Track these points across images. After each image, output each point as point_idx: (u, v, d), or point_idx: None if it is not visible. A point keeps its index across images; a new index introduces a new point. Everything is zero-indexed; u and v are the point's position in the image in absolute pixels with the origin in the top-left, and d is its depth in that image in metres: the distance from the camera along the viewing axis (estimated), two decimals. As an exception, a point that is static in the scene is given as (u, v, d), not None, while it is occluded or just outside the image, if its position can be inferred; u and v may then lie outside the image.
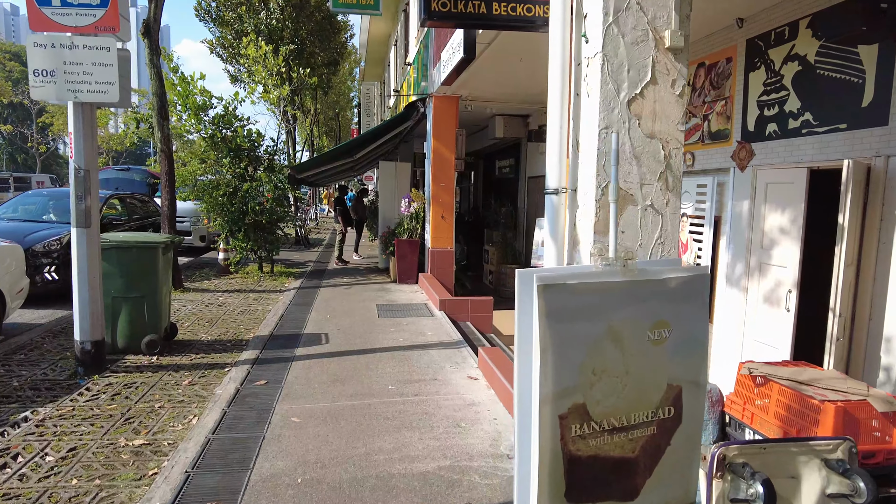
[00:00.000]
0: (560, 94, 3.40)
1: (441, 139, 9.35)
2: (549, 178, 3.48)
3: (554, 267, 3.10)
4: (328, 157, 10.23)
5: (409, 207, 9.62)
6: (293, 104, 13.97)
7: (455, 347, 5.85)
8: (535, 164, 10.96)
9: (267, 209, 10.11)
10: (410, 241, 9.62)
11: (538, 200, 10.83)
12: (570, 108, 3.46)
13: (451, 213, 9.56)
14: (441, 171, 9.41)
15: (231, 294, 8.69)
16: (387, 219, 11.23)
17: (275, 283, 9.75)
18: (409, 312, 7.51)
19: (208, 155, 10.09)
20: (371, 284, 9.70)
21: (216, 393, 4.55)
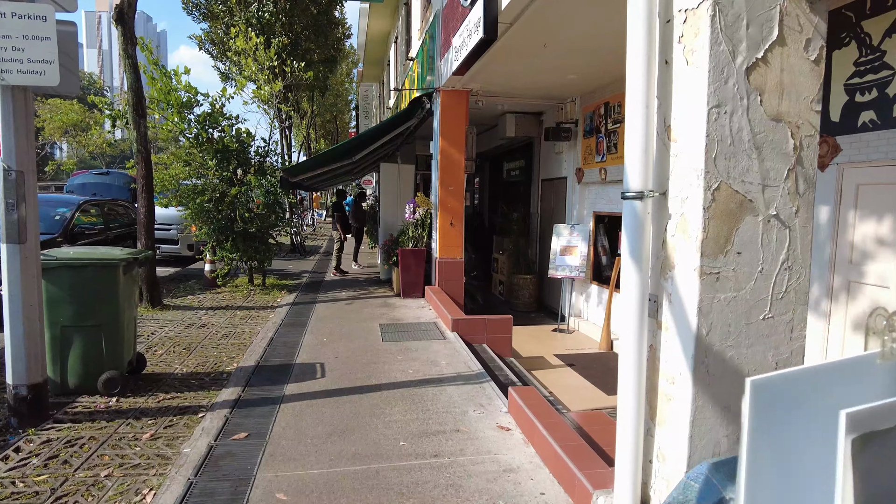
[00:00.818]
0: (644, 61, 2.44)
1: (449, 138, 8.39)
2: (629, 177, 2.52)
3: (811, 368, 1.69)
4: (325, 158, 9.27)
5: (414, 214, 8.67)
6: (286, 101, 13.02)
7: (476, 382, 4.88)
8: (550, 166, 10.01)
9: (257, 216, 9.14)
10: (415, 251, 8.66)
11: (553, 205, 9.88)
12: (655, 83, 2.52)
13: (461, 220, 8.61)
14: (449, 174, 8.46)
15: (216, 312, 7.70)
16: (388, 226, 10.27)
17: (266, 298, 8.77)
18: (418, 334, 6.54)
19: (193, 157, 9.11)
20: (372, 299, 8.72)
21: (183, 452, 3.57)
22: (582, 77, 7.64)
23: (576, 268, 8.72)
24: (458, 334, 6.47)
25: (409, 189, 10.35)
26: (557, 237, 8.95)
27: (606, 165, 8.06)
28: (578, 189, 8.96)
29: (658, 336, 2.54)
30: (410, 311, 7.80)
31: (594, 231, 8.71)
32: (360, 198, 12.77)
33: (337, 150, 8.96)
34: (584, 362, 7.21)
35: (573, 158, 9.08)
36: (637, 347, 2.53)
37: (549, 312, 9.92)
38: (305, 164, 9.12)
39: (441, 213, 8.46)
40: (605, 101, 8.05)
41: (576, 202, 9.04)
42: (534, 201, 10.71)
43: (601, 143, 8.21)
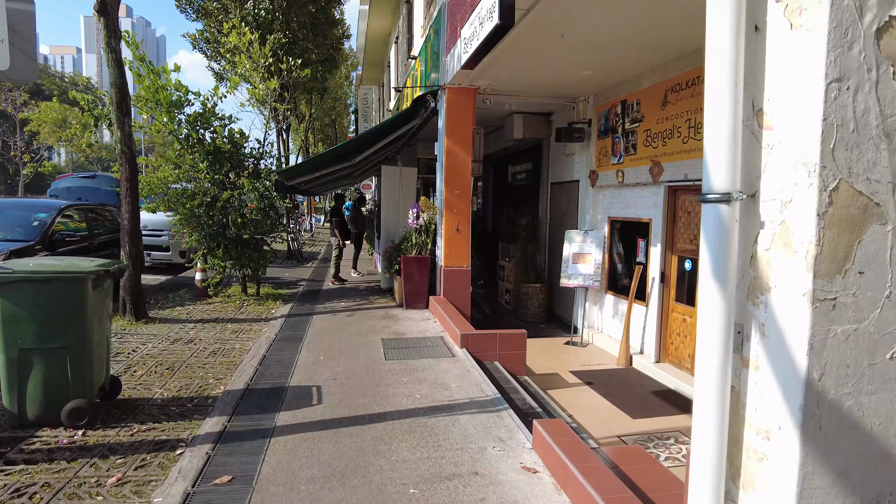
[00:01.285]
0: (731, 29, 1.91)
1: (455, 138, 7.87)
2: (711, 174, 1.96)
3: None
4: (323, 160, 8.74)
5: (418, 219, 8.13)
6: (283, 100, 12.46)
7: (493, 410, 4.33)
8: (560, 168, 9.49)
9: (251, 221, 8.59)
10: (419, 259, 8.12)
11: (564, 210, 9.35)
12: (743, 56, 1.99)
13: (468, 226, 8.07)
14: (455, 176, 7.93)
15: (205, 325, 7.14)
16: (390, 232, 9.72)
17: (260, 309, 8.21)
18: (424, 350, 5.99)
19: (183, 159, 8.58)
20: (373, 310, 8.17)
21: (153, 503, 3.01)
22: (598, 73, 7.12)
23: (589, 276, 8.18)
24: (468, 351, 5.92)
25: (411, 193, 9.82)
26: (569, 244, 8.41)
27: (624, 167, 7.54)
28: (592, 193, 8.43)
29: (743, 376, 2.00)
30: (414, 324, 7.24)
31: (609, 237, 8.18)
32: (360, 202, 12.22)
33: (335, 152, 8.44)
34: (602, 380, 6.66)
35: (586, 160, 8.55)
36: (719, 389, 1.98)
37: (560, 323, 9.37)
38: (302, 167, 8.58)
39: (446, 219, 7.93)
40: (622, 99, 7.53)
41: (589, 207, 8.51)
42: (542, 206, 10.18)
43: (617, 143, 7.69)
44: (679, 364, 6.67)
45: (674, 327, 6.80)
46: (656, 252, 6.96)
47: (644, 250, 7.32)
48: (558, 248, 9.57)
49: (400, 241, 8.94)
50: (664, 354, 6.96)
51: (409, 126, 9.36)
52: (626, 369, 7.13)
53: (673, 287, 6.82)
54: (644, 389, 6.37)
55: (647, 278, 7.19)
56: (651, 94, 6.87)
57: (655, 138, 6.80)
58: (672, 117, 6.45)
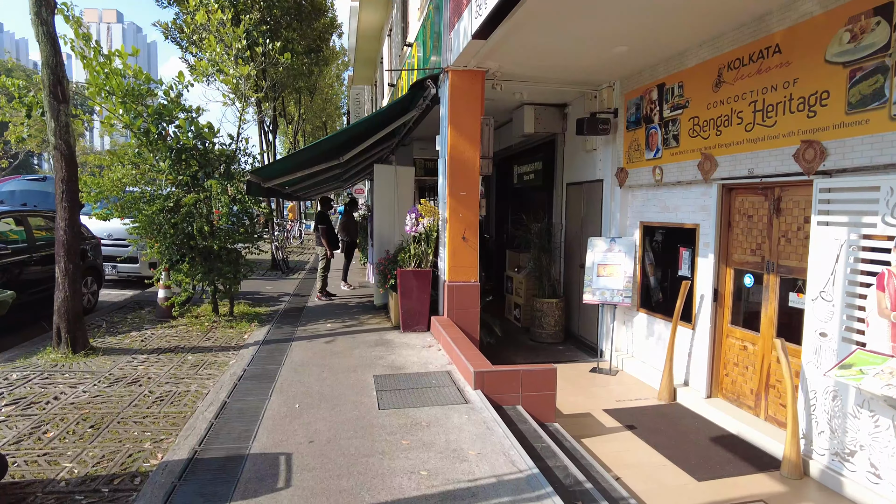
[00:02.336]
0: None
1: (461, 130, 6.63)
2: None
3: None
4: (306, 158, 7.46)
5: (417, 226, 6.87)
6: (260, 90, 11.11)
7: (531, 497, 3.06)
8: (579, 167, 8.27)
9: (220, 230, 7.31)
10: (419, 273, 6.85)
11: (584, 213, 8.12)
12: None
13: (476, 233, 6.82)
14: (461, 176, 6.68)
15: (160, 357, 5.84)
16: (384, 240, 8.46)
17: (231, 334, 6.92)
18: (428, 394, 4.72)
19: (143, 158, 7.29)
20: (365, 333, 6.88)
21: None
22: (633, 50, 5.90)
23: (618, 292, 6.96)
24: (484, 394, 4.66)
25: (408, 195, 8.56)
26: (593, 253, 7.19)
27: (662, 163, 6.32)
28: (619, 194, 7.21)
29: None
30: (414, 353, 5.97)
31: (641, 246, 6.95)
32: (351, 206, 10.94)
33: (321, 147, 7.16)
34: (646, 422, 5.42)
35: (612, 157, 7.33)
36: None
37: (580, 345, 8.13)
38: (280, 165, 7.30)
39: (451, 225, 6.68)
40: (659, 82, 6.32)
41: (615, 210, 7.28)
42: (556, 209, 8.94)
43: (653, 135, 6.47)
44: (738, 401, 5.44)
45: (730, 356, 5.57)
46: (706, 265, 5.74)
47: (688, 262, 6.10)
48: (576, 258, 8.35)
49: (396, 252, 7.68)
50: (717, 388, 5.73)
51: (405, 118, 8.12)
52: (670, 406, 5.89)
53: (728, 307, 5.60)
54: (700, 435, 5.13)
55: (693, 296, 5.97)
56: (699, 73, 5.65)
57: (706, 127, 5.59)
58: (729, 100, 5.23)
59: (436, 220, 6.88)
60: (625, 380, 6.72)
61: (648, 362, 6.76)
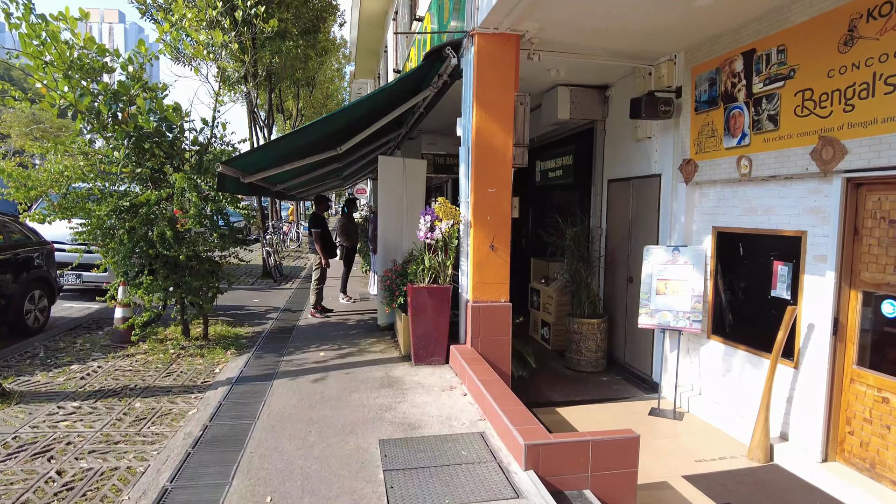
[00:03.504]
0: None
1: (490, 109, 5.19)
2: None
3: None
4: (293, 146, 6.00)
5: (433, 231, 5.43)
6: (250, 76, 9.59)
7: None
8: (624, 159, 6.83)
9: (189, 235, 5.88)
10: (435, 291, 5.41)
11: (634, 215, 6.68)
12: None
13: (507, 240, 5.39)
14: (489, 168, 5.25)
15: (98, 405, 4.41)
16: (390, 247, 7.02)
17: (199, 366, 5.49)
18: (459, 478, 3.26)
19: (92, 147, 5.88)
20: (367, 368, 5.43)
21: None
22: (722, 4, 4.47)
23: (684, 314, 5.53)
24: (538, 475, 3.22)
25: (419, 194, 7.12)
26: (649, 264, 5.76)
27: (750, 152, 4.88)
28: (684, 191, 5.77)
29: None
30: (432, 400, 4.52)
31: (714, 257, 5.51)
32: (351, 206, 9.48)
33: (312, 133, 5.70)
34: (746, 497, 3.98)
35: (673, 146, 5.90)
36: None
37: (628, 375, 6.68)
38: (263, 155, 5.82)
39: (476, 231, 5.24)
40: (746, 48, 4.88)
41: (678, 212, 5.85)
42: (595, 210, 7.50)
43: (736, 117, 5.03)
44: (872, 471, 3.99)
45: (856, 408, 4.13)
46: (820, 285, 4.30)
47: (787, 280, 4.65)
48: (620, 270, 6.91)
49: (405, 262, 6.25)
50: (835, 450, 4.29)
51: (416, 100, 6.68)
52: (768, 469, 4.45)
53: (853, 342, 4.15)
54: (831, 525, 3.68)
55: (796, 325, 4.53)
56: (813, 31, 4.21)
57: (825, 102, 4.14)
58: (870, 62, 3.79)
59: (456, 224, 5.45)
60: (695, 426, 5.28)
61: (724, 404, 5.31)
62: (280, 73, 13.61)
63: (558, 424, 5.28)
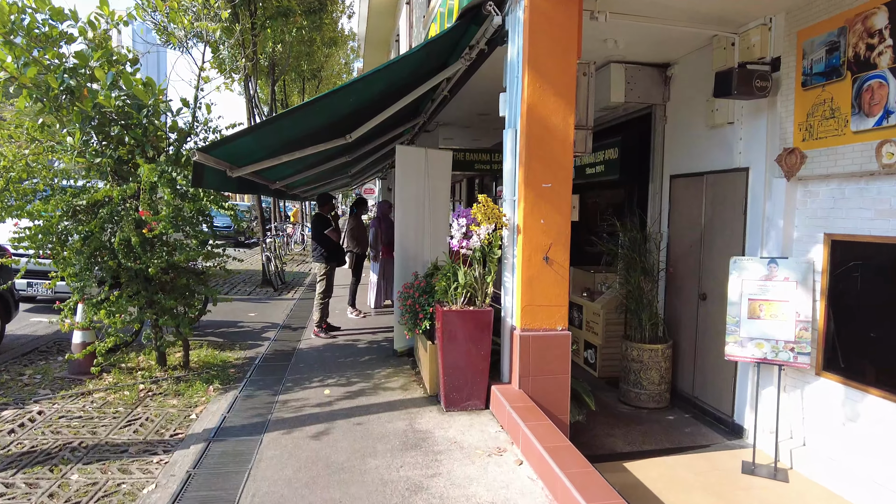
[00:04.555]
0: None
1: (545, 80, 3.97)
2: None
3: None
4: (292, 131, 4.74)
5: (467, 239, 4.20)
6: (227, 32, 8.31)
7: None
8: (693, 150, 5.58)
9: (161, 244, 4.68)
10: (473, 316, 4.17)
11: (709, 218, 5.42)
12: None
13: (566, 250, 4.17)
14: (543, 156, 4.03)
15: (18, 476, 3.20)
16: (408, 255, 5.79)
17: (171, 410, 4.28)
18: None
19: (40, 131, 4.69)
20: (384, 416, 4.19)
21: None
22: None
23: (786, 344, 4.29)
24: None
25: (443, 190, 5.90)
26: (739, 280, 4.51)
27: (892, 136, 3.63)
28: (783, 189, 4.51)
29: None
30: (477, 474, 3.28)
31: (827, 272, 4.26)
32: (360, 206, 8.25)
33: (315, 114, 4.45)
34: None
35: (768, 132, 4.65)
36: None
37: (699, 412, 5.43)
38: (254, 141, 4.53)
39: (526, 238, 4.02)
40: (892, -3, 3.64)
41: (775, 214, 4.60)
42: (652, 213, 6.25)
43: (872, 90, 3.77)
44: None
45: None
46: None
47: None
48: (689, 284, 5.66)
49: (428, 275, 5.02)
50: None
51: (443, 76, 5.45)
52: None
53: None
54: None
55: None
56: None
57: None
58: None
59: (499, 229, 4.21)
60: (808, 492, 4.03)
61: (846, 463, 4.05)
62: (284, 62, 12.41)
63: (633, 488, 4.04)
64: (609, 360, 6.33)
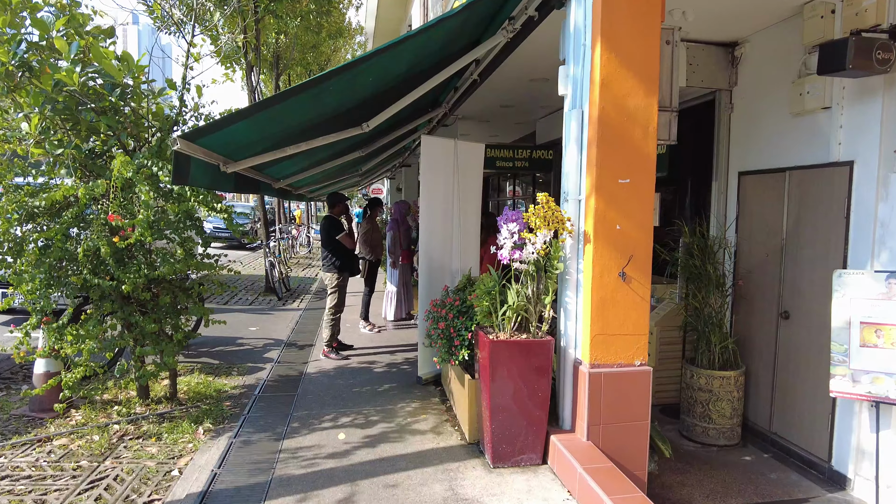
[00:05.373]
0: None
1: (622, 51, 3.07)
2: None
3: None
4: (297, 116, 3.83)
5: (522, 249, 3.30)
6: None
7: None
8: (767, 143, 4.67)
9: (140, 254, 3.79)
10: (527, 347, 3.26)
11: (788, 224, 4.51)
12: None
13: (648, 265, 3.25)
14: (620, 146, 3.12)
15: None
16: (434, 263, 4.88)
17: (149, 462, 3.38)
18: None
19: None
20: (415, 474, 3.27)
21: None
22: None
23: (916, 381, 3.37)
24: None
25: (474, 189, 5.00)
26: (846, 299, 3.60)
27: None
28: (906, 187, 3.61)
29: None
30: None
31: (973, 292, 3.34)
32: (373, 207, 7.33)
33: (330, 90, 3.51)
34: None
35: (882, 119, 3.74)
36: None
37: (777, 449, 4.51)
38: (257, 127, 3.64)
39: (597, 249, 3.12)
40: None
41: (891, 218, 3.69)
42: (717, 215, 5.33)
43: None
44: None
45: None
46: None
47: None
48: (765, 300, 4.75)
49: (460, 288, 4.12)
50: None
51: (479, 52, 4.54)
52: None
53: None
54: None
55: None
56: None
57: None
58: None
59: (559, 234, 3.30)
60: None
61: None
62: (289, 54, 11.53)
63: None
64: (664, 385, 5.41)
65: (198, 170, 3.49)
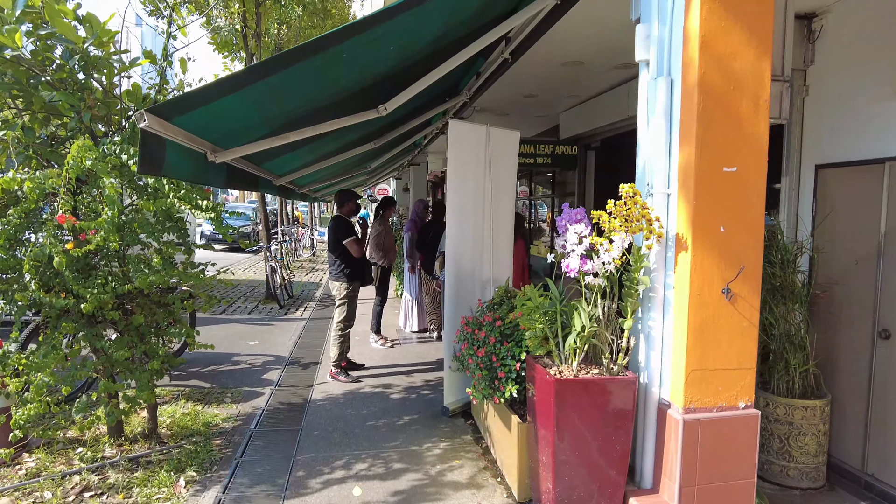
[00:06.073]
0: None
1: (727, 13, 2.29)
2: None
3: None
4: (297, 89, 3.07)
5: (592, 258, 2.54)
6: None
7: None
8: (857, 130, 3.90)
9: (107, 262, 3.01)
10: (596, 387, 2.49)
11: (886, 226, 3.74)
12: None
13: (758, 278, 2.47)
14: (724, 123, 2.35)
15: None
16: (463, 270, 4.09)
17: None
18: None
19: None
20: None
21: None
22: None
23: None
24: None
25: (508, 183, 4.24)
26: None
27: None
28: None
29: None
30: None
31: None
32: (386, 207, 6.53)
33: (343, 57, 2.76)
34: None
35: None
36: None
37: (874, 494, 3.73)
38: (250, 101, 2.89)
39: (695, 256, 2.34)
40: None
41: None
42: (787, 216, 4.55)
43: None
44: None
45: None
46: None
47: None
48: (856, 316, 3.96)
49: (496, 303, 3.35)
50: None
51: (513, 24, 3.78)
52: None
53: None
54: None
55: None
56: None
57: None
58: None
59: (647, 241, 2.52)
60: None
61: None
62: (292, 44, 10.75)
63: None
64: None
65: (176, 156, 2.72)
